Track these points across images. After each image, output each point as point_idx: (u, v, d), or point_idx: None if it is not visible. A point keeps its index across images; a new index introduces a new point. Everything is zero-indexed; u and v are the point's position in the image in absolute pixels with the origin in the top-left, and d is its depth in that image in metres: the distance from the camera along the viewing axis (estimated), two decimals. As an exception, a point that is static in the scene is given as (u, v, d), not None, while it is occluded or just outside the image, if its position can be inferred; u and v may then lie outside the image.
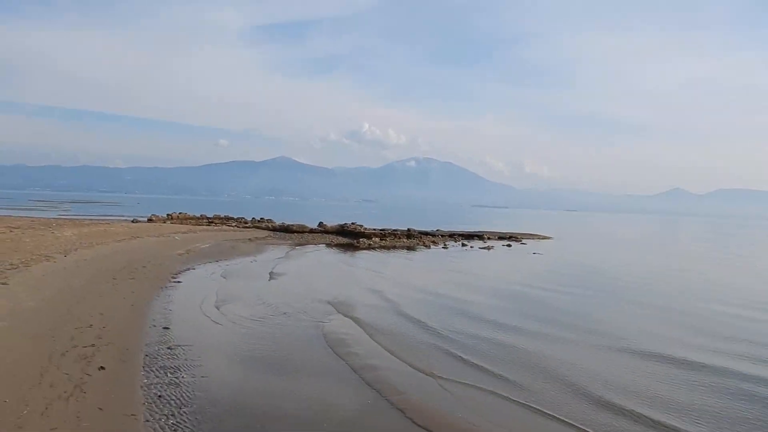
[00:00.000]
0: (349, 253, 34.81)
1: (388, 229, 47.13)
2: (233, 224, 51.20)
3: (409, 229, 47.45)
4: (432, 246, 40.91)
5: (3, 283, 14.77)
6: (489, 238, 51.24)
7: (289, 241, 39.23)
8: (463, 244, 42.55)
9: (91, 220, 46.76)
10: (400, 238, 43.77)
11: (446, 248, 39.47)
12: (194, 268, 23.09)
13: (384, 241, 41.88)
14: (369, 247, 38.75)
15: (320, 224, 52.08)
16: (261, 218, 69.21)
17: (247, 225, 56.57)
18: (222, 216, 65.17)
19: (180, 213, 60.59)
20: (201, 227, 43.43)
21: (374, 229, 46.59)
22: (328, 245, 39.11)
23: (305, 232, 45.65)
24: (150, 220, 52.80)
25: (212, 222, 61.30)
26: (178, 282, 19.49)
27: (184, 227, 41.38)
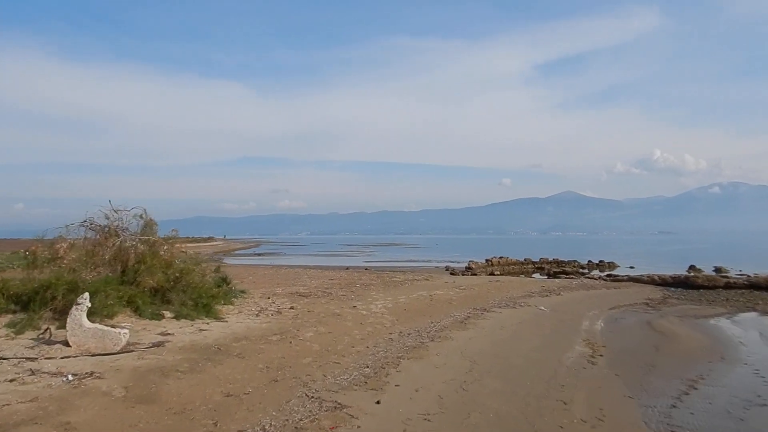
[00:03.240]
0: None
1: None
2: (595, 278, 35.51)
3: None
4: None
5: None
6: None
7: (719, 308, 22.49)
8: None
9: (401, 269, 36.49)
10: None
11: None
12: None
13: None
14: None
15: (717, 275, 33.99)
16: (600, 261, 53.02)
17: (585, 273, 41.23)
18: (550, 260, 50.86)
19: (501, 257, 47.93)
20: (556, 283, 29.11)
21: None
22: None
23: (718, 287, 28.27)
24: (468, 268, 40.86)
25: (540, 268, 47.33)
26: None
27: (531, 284, 27.69)
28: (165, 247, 14.15)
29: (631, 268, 48.12)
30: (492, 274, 36.90)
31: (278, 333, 11.93)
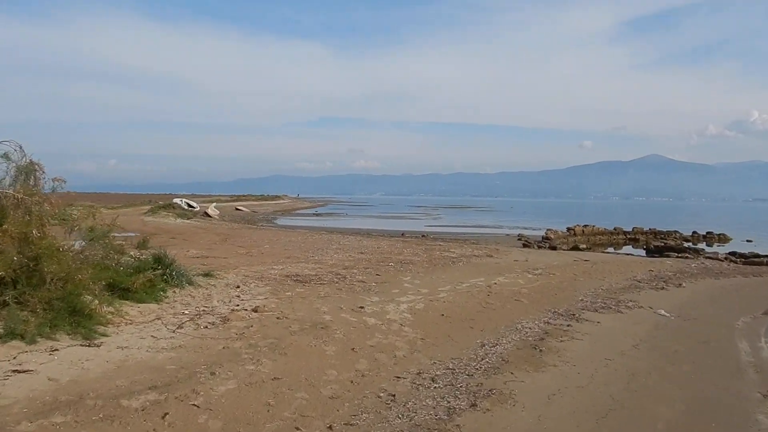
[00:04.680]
0: None
1: None
2: (720, 258, 27.23)
3: None
4: None
5: None
6: None
7: None
8: None
9: (463, 238, 29.95)
10: None
11: None
12: None
13: None
14: None
15: None
16: (708, 233, 44.46)
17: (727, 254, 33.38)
18: (646, 230, 42.94)
19: (585, 226, 40.53)
20: (667, 265, 21.53)
21: None
22: None
23: None
24: (546, 239, 33.95)
25: (634, 239, 39.67)
26: None
27: (633, 266, 20.50)
28: (40, 208, 8.48)
29: (749, 242, 39.62)
30: (576, 247, 29.83)
31: (160, 385, 5.99)
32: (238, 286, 11.46)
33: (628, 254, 28.07)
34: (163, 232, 27.19)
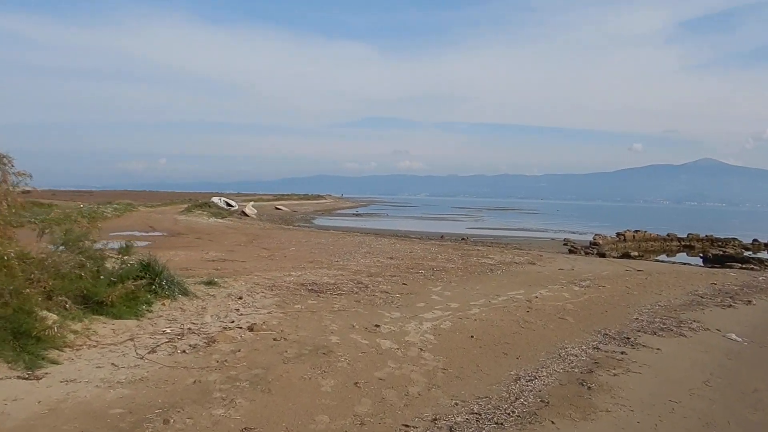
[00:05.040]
0: None
1: None
2: None
3: None
4: None
5: None
6: None
7: None
8: None
9: (505, 242, 28.07)
10: None
11: None
12: None
13: None
14: None
15: None
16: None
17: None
18: (702, 237, 40.14)
19: (637, 231, 38.10)
20: (730, 277, 19.20)
21: None
22: None
23: None
24: (594, 245, 31.83)
25: (689, 246, 37.09)
26: None
27: (693, 279, 18.38)
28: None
29: None
30: (626, 254, 27.64)
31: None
32: (241, 297, 10.19)
33: (684, 263, 25.81)
34: (190, 232, 26.42)
